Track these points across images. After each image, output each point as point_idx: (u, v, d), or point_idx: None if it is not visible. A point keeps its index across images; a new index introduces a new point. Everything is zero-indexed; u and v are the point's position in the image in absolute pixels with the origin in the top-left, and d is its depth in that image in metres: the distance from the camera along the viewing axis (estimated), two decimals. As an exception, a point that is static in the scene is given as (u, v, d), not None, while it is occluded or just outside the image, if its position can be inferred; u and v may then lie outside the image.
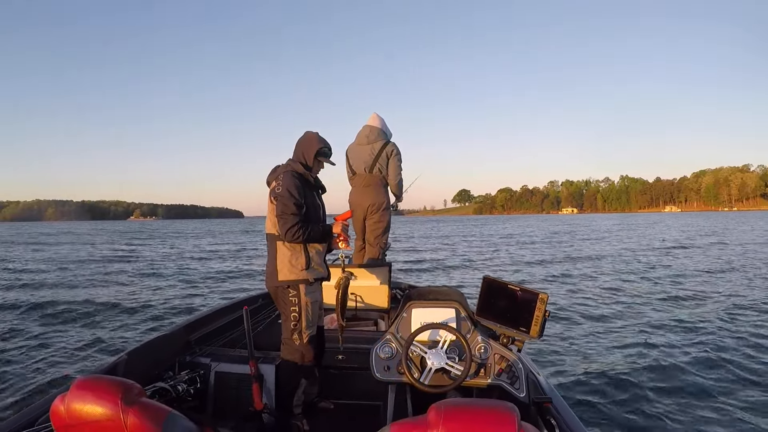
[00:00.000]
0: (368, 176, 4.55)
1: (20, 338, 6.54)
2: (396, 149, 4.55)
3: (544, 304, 2.47)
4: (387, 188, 4.65)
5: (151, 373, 2.99)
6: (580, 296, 10.04)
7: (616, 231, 37.41)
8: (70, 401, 1.41)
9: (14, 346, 6.14)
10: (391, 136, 4.68)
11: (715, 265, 14.14)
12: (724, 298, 9.23)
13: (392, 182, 4.60)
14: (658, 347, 6.10)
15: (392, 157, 4.53)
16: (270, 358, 3.16)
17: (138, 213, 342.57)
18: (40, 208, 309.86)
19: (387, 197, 4.63)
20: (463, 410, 1.20)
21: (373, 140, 4.52)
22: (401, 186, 4.67)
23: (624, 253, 19.81)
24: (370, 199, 4.56)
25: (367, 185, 4.57)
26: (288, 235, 2.71)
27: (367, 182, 4.57)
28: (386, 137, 4.59)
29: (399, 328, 2.69)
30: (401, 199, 4.84)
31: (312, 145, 2.93)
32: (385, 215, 4.62)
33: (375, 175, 4.54)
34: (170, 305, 9.29)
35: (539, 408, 2.37)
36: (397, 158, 4.55)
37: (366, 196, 4.57)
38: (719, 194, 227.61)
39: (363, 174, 4.56)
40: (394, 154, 4.53)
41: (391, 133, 4.69)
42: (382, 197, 4.58)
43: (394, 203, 4.81)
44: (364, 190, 4.58)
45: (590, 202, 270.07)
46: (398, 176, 4.59)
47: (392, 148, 4.54)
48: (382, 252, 4.69)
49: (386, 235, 4.69)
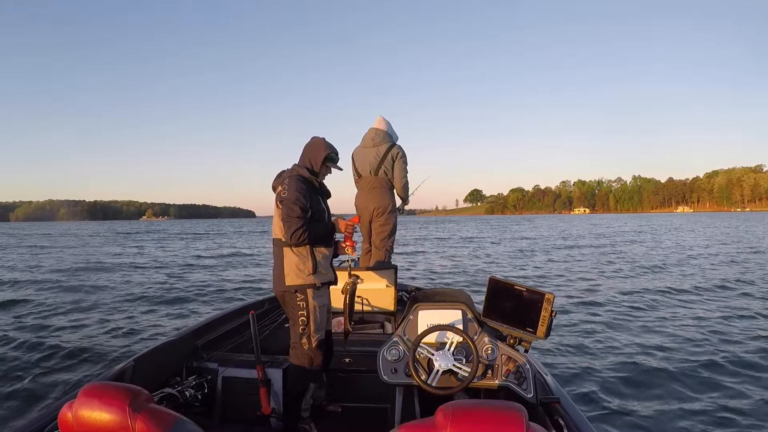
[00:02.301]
0: (373, 179, 4.54)
1: (26, 345, 6.52)
2: (401, 152, 4.54)
3: (550, 304, 2.45)
4: (392, 191, 4.64)
5: (159, 379, 2.99)
6: (587, 296, 9.93)
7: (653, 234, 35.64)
8: (78, 408, 1.41)
9: (20, 354, 6.15)
10: (397, 139, 4.67)
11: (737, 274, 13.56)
12: (745, 303, 9.04)
13: (398, 185, 4.59)
14: (668, 347, 6.04)
15: (397, 160, 4.51)
16: (277, 362, 3.16)
17: (150, 213, 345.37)
18: (53, 208, 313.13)
19: (393, 200, 4.62)
20: (471, 411, 1.19)
21: (379, 143, 4.51)
22: (407, 188, 4.66)
23: (639, 253, 19.57)
24: (375, 202, 4.55)
25: (372, 188, 4.56)
26: (293, 238, 2.70)
27: (372, 185, 4.56)
28: (391, 140, 4.57)
29: (406, 331, 2.68)
30: (407, 202, 4.81)
31: (319, 150, 2.94)
32: (391, 218, 4.61)
33: (380, 177, 4.53)
34: (176, 310, 9.30)
35: (547, 408, 2.36)
36: (402, 161, 4.53)
37: (371, 199, 4.57)
38: (732, 194, 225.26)
39: (368, 177, 4.55)
40: (399, 156, 4.51)
41: (397, 136, 4.68)
42: (388, 200, 4.57)
43: (400, 206, 4.79)
44: (370, 193, 4.58)
45: (602, 202, 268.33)
46: (404, 179, 4.58)
47: (397, 151, 4.52)
48: (388, 255, 4.67)
49: (392, 237, 4.68)
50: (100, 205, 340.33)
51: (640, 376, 5.08)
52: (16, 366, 5.70)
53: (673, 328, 6.99)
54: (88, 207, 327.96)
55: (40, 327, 7.80)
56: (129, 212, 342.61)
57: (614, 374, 5.15)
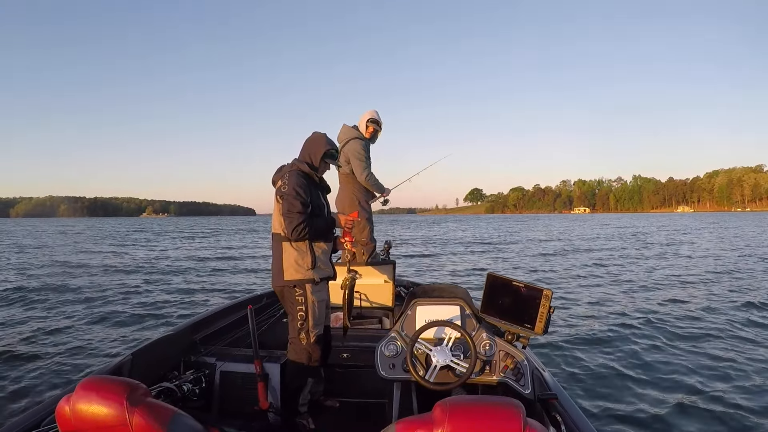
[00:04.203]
0: (341, 176, 4.61)
1: (24, 339, 6.53)
2: (355, 147, 4.42)
3: (548, 301, 2.45)
4: (357, 186, 4.57)
5: (157, 373, 2.99)
6: (586, 292, 9.95)
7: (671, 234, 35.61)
8: (76, 402, 1.41)
9: (18, 348, 6.14)
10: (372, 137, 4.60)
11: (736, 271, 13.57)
12: (742, 301, 9.02)
13: (361, 181, 4.52)
14: (665, 344, 6.03)
15: (351, 157, 4.45)
16: (275, 357, 3.16)
17: (150, 210, 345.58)
18: (53, 204, 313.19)
19: (356, 195, 4.56)
20: (469, 407, 1.19)
21: (343, 140, 4.51)
22: (373, 182, 4.55)
23: (639, 251, 19.57)
24: (340, 201, 4.63)
25: (339, 184, 4.65)
26: (294, 233, 2.69)
27: (340, 181, 4.64)
28: (352, 135, 4.48)
29: (404, 326, 2.67)
30: (385, 193, 4.72)
31: (319, 146, 2.93)
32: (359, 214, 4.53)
33: (343, 173, 4.58)
34: (175, 305, 9.28)
35: (545, 404, 2.37)
36: (356, 157, 4.42)
37: (339, 198, 4.65)
38: (732, 194, 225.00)
39: (340, 174, 4.62)
40: (351, 153, 4.43)
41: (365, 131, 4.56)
42: (351, 197, 4.55)
43: (376, 199, 4.74)
44: (339, 191, 4.66)
45: (602, 201, 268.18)
46: (362, 174, 4.45)
47: (350, 147, 4.44)
48: (367, 251, 4.60)
49: (365, 232, 4.58)
50: (101, 201, 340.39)
51: (638, 373, 5.08)
52: (14, 359, 5.70)
53: (672, 325, 6.98)
54: (89, 204, 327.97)
55: (38, 321, 7.80)
56: (129, 209, 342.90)
57: (612, 371, 5.15)
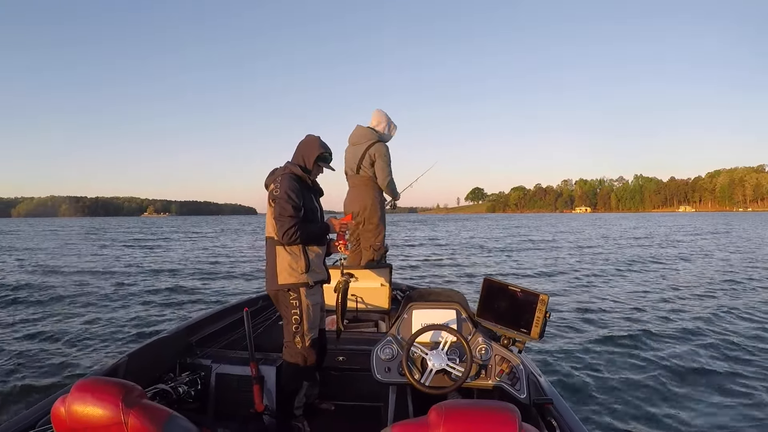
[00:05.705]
0: (356, 177, 4.47)
1: (19, 340, 6.54)
2: (382, 150, 4.37)
3: (544, 305, 2.44)
4: (376, 189, 4.50)
5: (152, 375, 2.99)
6: (583, 297, 9.92)
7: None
8: (71, 403, 1.41)
9: (13, 348, 6.14)
10: (393, 131, 4.57)
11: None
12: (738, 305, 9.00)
13: (382, 185, 4.45)
14: (660, 349, 6.03)
15: (377, 159, 4.35)
16: (271, 359, 3.15)
17: (151, 209, 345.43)
18: (54, 204, 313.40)
19: (376, 198, 4.49)
20: (464, 411, 1.19)
21: (361, 141, 4.42)
22: (393, 186, 4.53)
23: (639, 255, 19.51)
24: (357, 202, 4.47)
25: (354, 186, 4.51)
26: (285, 237, 2.68)
27: (354, 183, 4.51)
28: (376, 137, 4.42)
29: (400, 330, 2.67)
30: (397, 198, 4.71)
31: (313, 149, 2.90)
32: (373, 217, 4.46)
33: (362, 176, 4.44)
34: (171, 307, 9.27)
35: (540, 409, 2.36)
36: (383, 160, 4.36)
37: (354, 199, 4.50)
38: (734, 194, 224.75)
39: (353, 175, 4.49)
40: (378, 155, 4.35)
41: (389, 135, 4.55)
42: (369, 199, 4.44)
43: (389, 202, 4.69)
44: (353, 192, 4.52)
45: (604, 201, 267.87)
46: (386, 178, 4.41)
47: (376, 150, 4.35)
48: (378, 254, 4.56)
49: (379, 236, 4.54)
50: (102, 201, 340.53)
51: (634, 378, 5.07)
52: (9, 361, 5.71)
53: (669, 330, 6.96)
54: (90, 203, 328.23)
55: (33, 322, 7.83)
56: (130, 209, 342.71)
57: (607, 376, 5.15)
